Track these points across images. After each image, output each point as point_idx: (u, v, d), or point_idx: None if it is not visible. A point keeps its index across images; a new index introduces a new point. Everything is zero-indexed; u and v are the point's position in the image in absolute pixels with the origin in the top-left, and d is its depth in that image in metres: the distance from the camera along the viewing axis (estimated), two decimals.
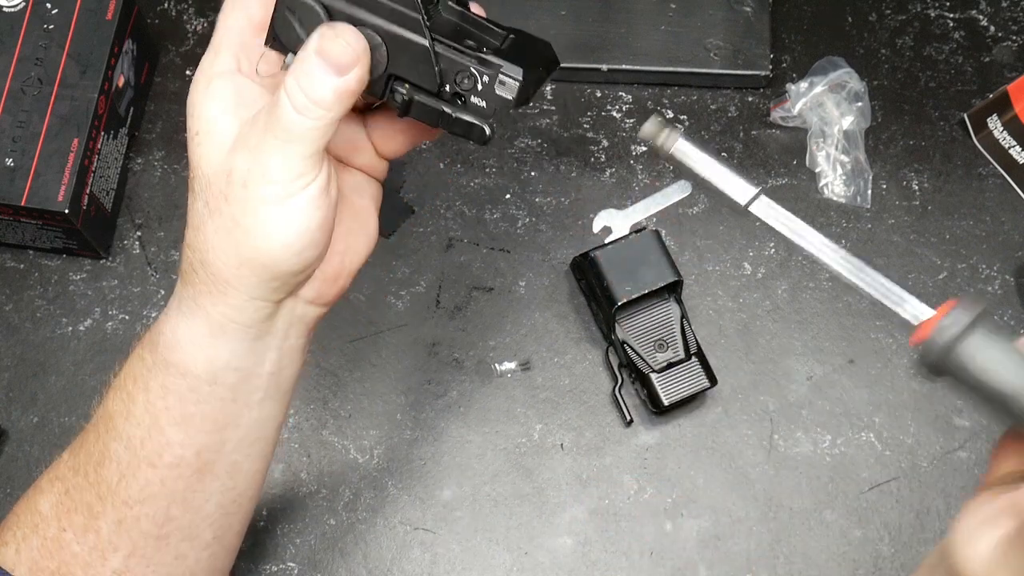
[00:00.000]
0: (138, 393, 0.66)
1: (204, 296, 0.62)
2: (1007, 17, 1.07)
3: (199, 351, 0.64)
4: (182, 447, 0.66)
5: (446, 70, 0.60)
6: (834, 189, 1.02)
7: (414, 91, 0.61)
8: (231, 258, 0.61)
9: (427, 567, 0.92)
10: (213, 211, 0.60)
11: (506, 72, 0.60)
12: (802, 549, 0.93)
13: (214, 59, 0.62)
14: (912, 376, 0.97)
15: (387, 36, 0.59)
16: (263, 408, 0.67)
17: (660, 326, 0.93)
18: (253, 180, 0.59)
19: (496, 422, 0.95)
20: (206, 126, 0.61)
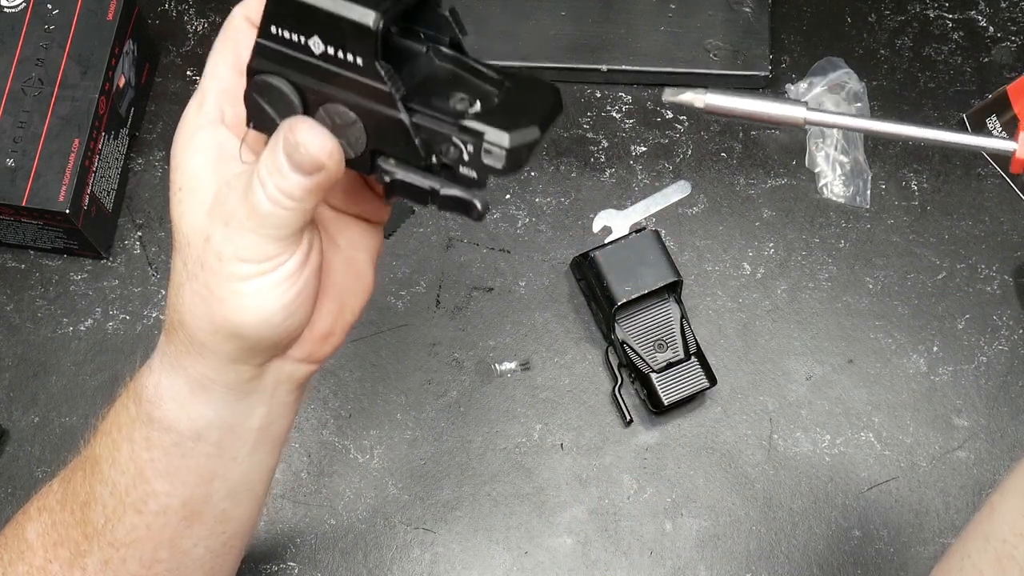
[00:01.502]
0: (123, 442, 0.63)
1: (184, 356, 0.60)
2: (1006, 18, 1.07)
3: (181, 409, 0.62)
4: (168, 496, 0.64)
5: (428, 141, 0.55)
6: (833, 189, 1.02)
7: (399, 167, 0.56)
8: (206, 324, 0.58)
9: (427, 567, 0.92)
10: (191, 274, 0.58)
11: (490, 140, 0.53)
12: (802, 549, 0.93)
13: (199, 108, 0.59)
14: (911, 375, 0.97)
15: (363, 112, 0.55)
16: (253, 458, 0.65)
17: (660, 326, 0.93)
18: (226, 255, 0.57)
19: (496, 422, 0.96)
20: (188, 182, 0.59)
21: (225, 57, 0.59)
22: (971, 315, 0.99)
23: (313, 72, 0.54)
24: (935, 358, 0.98)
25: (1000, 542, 0.67)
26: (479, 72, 0.56)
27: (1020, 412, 0.96)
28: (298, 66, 0.54)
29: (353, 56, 0.53)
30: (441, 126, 0.54)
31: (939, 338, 0.98)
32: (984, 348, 0.98)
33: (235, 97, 0.58)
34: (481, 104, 0.55)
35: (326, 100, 0.55)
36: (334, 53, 0.53)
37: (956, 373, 0.97)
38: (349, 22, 0.52)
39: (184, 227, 0.59)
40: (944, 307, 0.99)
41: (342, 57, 0.53)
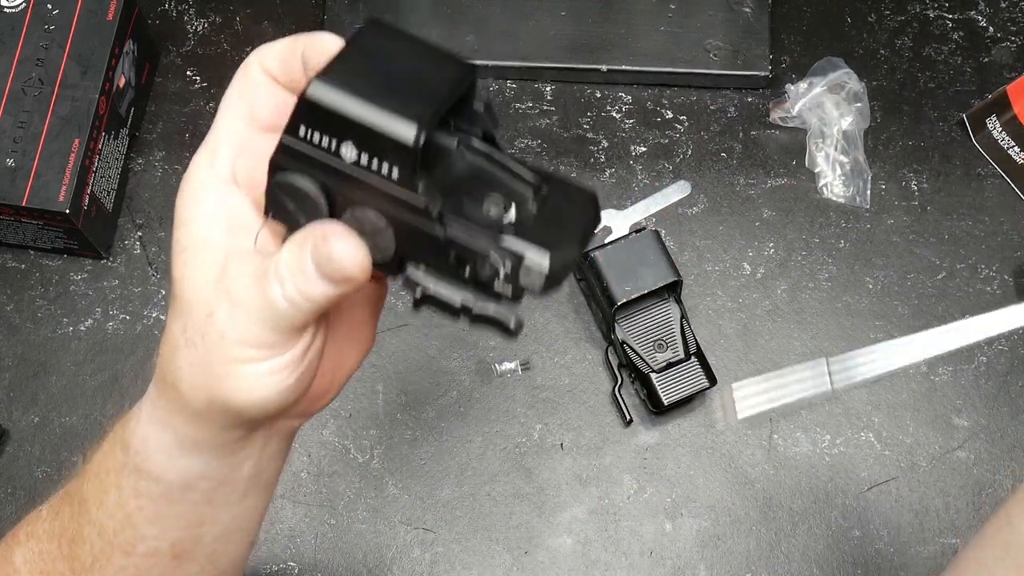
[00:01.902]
0: (110, 487, 0.61)
1: (175, 416, 0.58)
2: (1006, 18, 1.07)
3: (170, 462, 0.59)
4: (157, 540, 0.62)
5: (461, 255, 0.51)
6: (833, 189, 1.02)
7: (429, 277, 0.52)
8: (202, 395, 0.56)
9: (427, 567, 0.92)
10: (189, 342, 0.55)
11: (531, 262, 0.50)
12: (801, 549, 0.93)
13: (210, 161, 0.55)
14: (911, 375, 0.97)
15: (394, 220, 0.51)
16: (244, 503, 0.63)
17: (660, 326, 0.93)
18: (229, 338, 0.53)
19: (496, 422, 0.96)
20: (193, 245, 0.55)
21: (239, 110, 0.55)
22: (971, 315, 0.98)
23: (343, 177, 0.50)
24: (935, 358, 0.97)
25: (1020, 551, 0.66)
26: (513, 171, 0.52)
27: (1020, 412, 0.96)
28: (327, 169, 0.50)
29: (389, 167, 0.49)
30: (478, 242, 0.50)
31: None
32: (984, 348, 0.98)
33: (249, 154, 0.54)
34: (516, 209, 0.52)
35: (354, 203, 0.51)
36: (368, 162, 0.49)
37: (956, 373, 0.97)
38: (386, 135, 0.48)
39: (186, 292, 0.55)
40: (944, 307, 0.99)
41: (376, 167, 0.49)
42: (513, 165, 0.52)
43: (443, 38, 1.03)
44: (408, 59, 0.50)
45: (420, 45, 0.50)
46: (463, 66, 0.50)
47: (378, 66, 0.49)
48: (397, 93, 0.48)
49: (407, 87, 0.49)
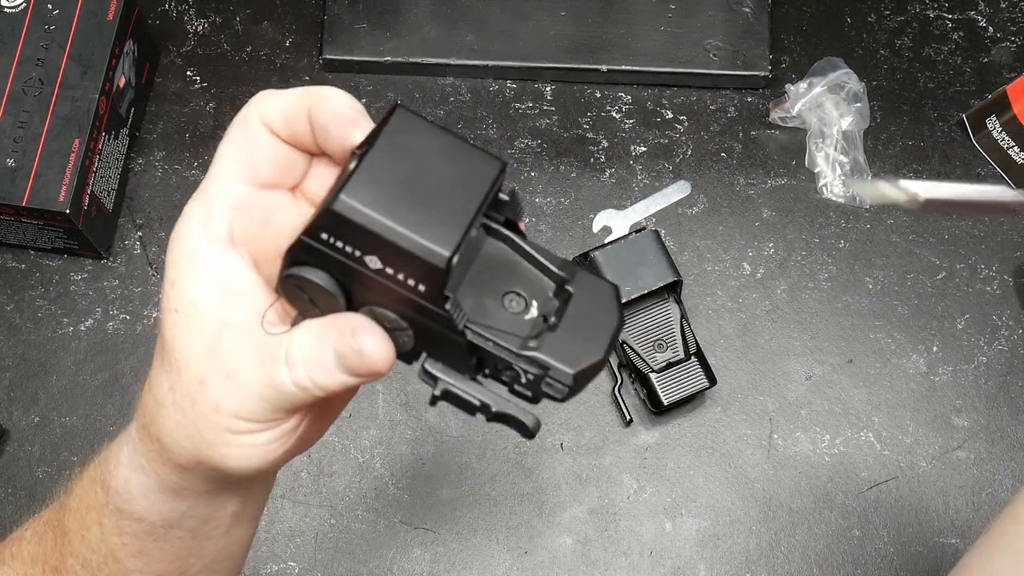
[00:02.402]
0: (92, 524, 0.59)
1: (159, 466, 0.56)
2: (1006, 18, 1.07)
3: (152, 505, 0.57)
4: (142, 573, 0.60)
5: (484, 359, 0.50)
6: (833, 189, 1.02)
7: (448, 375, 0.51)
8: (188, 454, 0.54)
9: (427, 566, 0.92)
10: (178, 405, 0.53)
11: (555, 376, 0.49)
12: (801, 549, 0.93)
13: (204, 222, 0.51)
14: (911, 375, 0.97)
15: (414, 323, 0.49)
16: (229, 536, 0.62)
17: (660, 326, 0.93)
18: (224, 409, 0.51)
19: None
20: (186, 309, 0.51)
21: (236, 165, 0.52)
22: (971, 315, 0.99)
23: (364, 281, 0.49)
24: (935, 358, 0.98)
25: None
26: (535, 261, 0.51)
27: (1020, 412, 0.96)
28: (347, 270, 0.48)
29: (415, 282, 0.48)
30: (501, 352, 0.49)
31: (939, 338, 0.98)
32: (984, 348, 0.98)
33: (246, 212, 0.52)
34: (538, 306, 0.51)
35: (373, 303, 0.50)
36: (393, 273, 0.48)
37: (956, 373, 0.97)
38: (416, 257, 0.46)
39: (177, 354, 0.52)
40: (944, 307, 0.99)
41: (402, 278, 0.48)
42: (536, 255, 0.51)
43: (443, 38, 1.03)
44: (438, 161, 0.48)
45: (450, 142, 0.48)
46: (494, 164, 0.49)
47: (406, 172, 0.47)
48: (428, 208, 0.47)
49: (438, 199, 0.47)
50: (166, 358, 0.53)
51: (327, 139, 0.50)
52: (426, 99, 1.04)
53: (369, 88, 1.04)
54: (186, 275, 0.51)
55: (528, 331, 0.50)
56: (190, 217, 0.52)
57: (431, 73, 1.04)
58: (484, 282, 0.50)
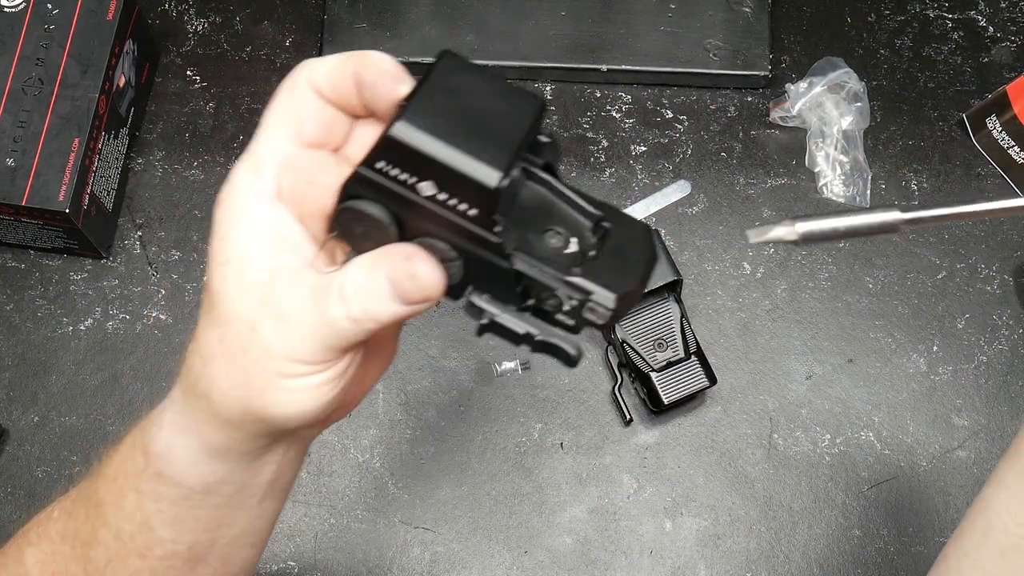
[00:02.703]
0: (129, 490, 0.61)
1: (204, 424, 0.58)
2: (1006, 18, 1.07)
3: (193, 467, 0.59)
4: (174, 543, 0.62)
5: (529, 287, 0.53)
6: (833, 189, 1.02)
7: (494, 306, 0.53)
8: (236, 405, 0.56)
9: (427, 566, 0.92)
10: (227, 354, 0.55)
11: (597, 300, 0.52)
12: (801, 548, 0.93)
13: (254, 178, 0.54)
14: (911, 374, 0.97)
15: (463, 251, 0.52)
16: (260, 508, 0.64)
17: (660, 325, 0.93)
18: (277, 352, 0.53)
19: (496, 421, 0.96)
20: (237, 263, 0.54)
21: (284, 126, 0.54)
22: (971, 315, 0.99)
23: (416, 209, 0.51)
24: (935, 357, 0.98)
25: (1001, 534, 0.66)
26: (573, 202, 0.54)
27: (1020, 411, 0.96)
28: (401, 200, 0.51)
29: (467, 205, 0.50)
30: (546, 277, 0.52)
31: (939, 338, 0.98)
32: (984, 347, 0.98)
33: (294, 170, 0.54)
34: (578, 242, 0.53)
35: (424, 233, 0.52)
36: (445, 199, 0.50)
37: (956, 372, 0.97)
38: (470, 178, 0.49)
39: (225, 304, 0.54)
40: (944, 307, 0.99)
41: (453, 203, 0.50)
42: (574, 197, 0.53)
43: (443, 38, 1.03)
44: (484, 97, 0.51)
45: (494, 80, 0.52)
46: (536, 101, 0.52)
47: (457, 105, 0.50)
48: (478, 135, 0.50)
49: (487, 128, 0.50)
50: (214, 312, 0.54)
51: (374, 95, 0.53)
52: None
53: None
54: (235, 230, 0.53)
55: (569, 263, 0.52)
56: (238, 176, 0.54)
57: None
58: (526, 220, 0.53)
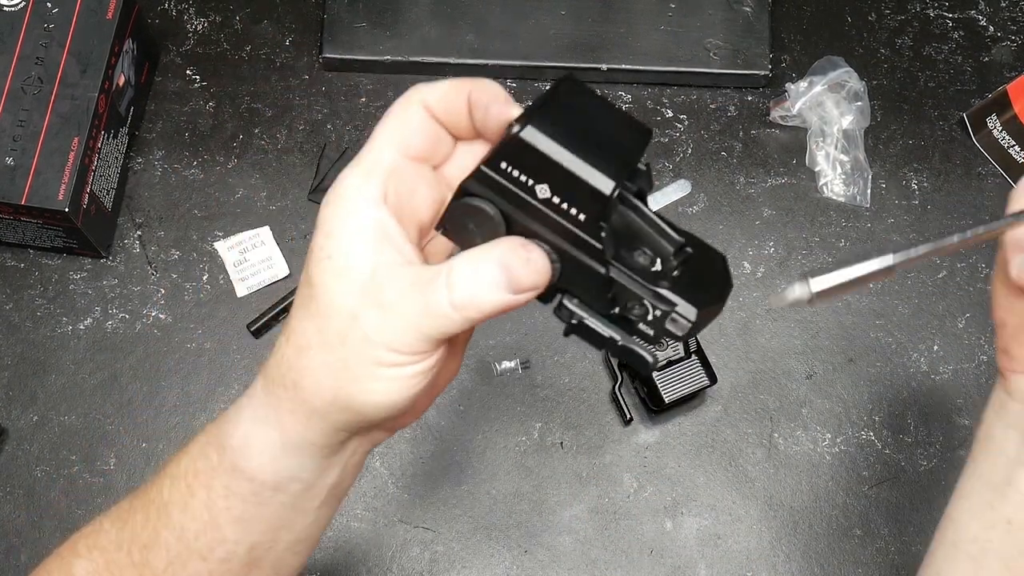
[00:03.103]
0: (199, 489, 0.64)
1: (287, 415, 0.61)
2: (1006, 17, 1.07)
3: (269, 461, 0.63)
4: (236, 544, 0.65)
5: (618, 295, 0.57)
6: (833, 188, 1.02)
7: (583, 310, 0.58)
8: (327, 394, 0.59)
9: (427, 565, 0.92)
10: (326, 344, 0.58)
11: (680, 312, 0.57)
12: (802, 548, 0.93)
13: (363, 183, 0.58)
14: (911, 374, 0.97)
15: (563, 253, 0.57)
16: (319, 512, 0.67)
17: None
18: (376, 340, 0.57)
19: (496, 421, 0.95)
20: (342, 259, 0.57)
21: (394, 139, 0.58)
22: (971, 314, 0.99)
23: (528, 210, 0.56)
24: (935, 357, 0.98)
25: (970, 542, 0.67)
26: (659, 227, 0.58)
27: None
28: (515, 200, 0.55)
29: (577, 211, 0.55)
30: (636, 287, 0.57)
31: (939, 337, 0.98)
32: (984, 347, 0.98)
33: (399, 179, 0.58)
34: (661, 264, 0.58)
35: (531, 236, 0.56)
36: (559, 202, 0.55)
37: (956, 372, 0.97)
38: (587, 184, 0.54)
39: (329, 297, 0.58)
40: (944, 306, 0.99)
41: (565, 207, 0.55)
42: (660, 223, 0.58)
43: (443, 38, 1.03)
44: (601, 119, 0.57)
45: (610, 107, 0.57)
46: (645, 132, 0.57)
47: (577, 121, 0.55)
48: (596, 149, 0.55)
49: (602, 145, 0.55)
50: (313, 305, 0.58)
51: (486, 115, 0.57)
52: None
53: (369, 87, 1.04)
54: (341, 228, 0.57)
55: (656, 279, 0.57)
56: (348, 181, 0.58)
57: (431, 72, 1.04)
58: (618, 238, 0.57)
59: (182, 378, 0.96)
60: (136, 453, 0.94)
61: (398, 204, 0.58)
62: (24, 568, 0.91)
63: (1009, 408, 0.66)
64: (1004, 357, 0.67)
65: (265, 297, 0.98)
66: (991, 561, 0.67)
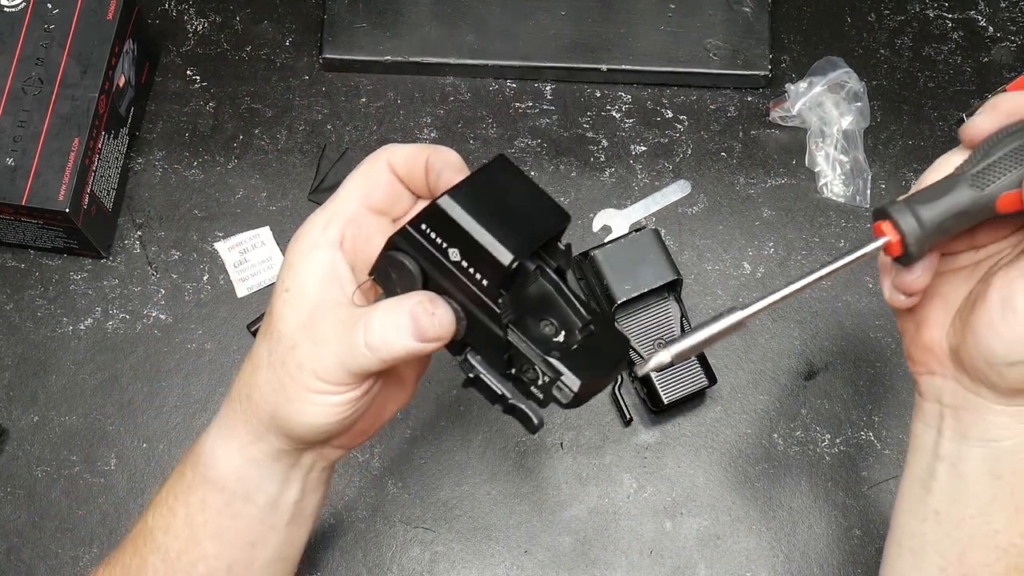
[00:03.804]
0: (179, 507, 0.70)
1: (242, 425, 0.68)
2: (1005, 17, 1.07)
3: (234, 469, 0.69)
4: (216, 559, 0.70)
5: (514, 357, 0.64)
6: (833, 189, 1.02)
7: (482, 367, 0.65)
8: (269, 408, 0.66)
9: (427, 566, 0.92)
10: (272, 364, 0.66)
11: (564, 381, 0.63)
12: (801, 548, 0.93)
13: (325, 227, 0.66)
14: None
15: (469, 314, 0.64)
16: (289, 531, 0.73)
17: (660, 325, 0.93)
18: (307, 368, 0.64)
19: (496, 421, 0.95)
20: (296, 289, 0.65)
21: (358, 191, 0.67)
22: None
23: (442, 269, 0.63)
24: None
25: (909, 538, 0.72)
26: (571, 304, 0.65)
27: None
28: (431, 259, 0.63)
29: (481, 276, 0.62)
30: (530, 352, 0.63)
31: None
32: None
33: (357, 227, 0.66)
34: (565, 335, 0.65)
35: (441, 292, 0.64)
36: (466, 266, 0.62)
37: None
38: (489, 253, 0.61)
39: (280, 326, 0.66)
40: None
41: (472, 272, 0.62)
42: (573, 300, 0.65)
43: (443, 38, 1.03)
44: (521, 198, 0.63)
45: (534, 189, 0.64)
46: (562, 216, 0.64)
47: (496, 198, 0.62)
48: (506, 225, 0.62)
49: (515, 222, 0.62)
50: (270, 328, 0.66)
51: (438, 179, 0.65)
52: (426, 98, 1.04)
53: (369, 88, 1.04)
54: (300, 263, 0.66)
55: (553, 348, 0.64)
56: (314, 222, 0.66)
57: (431, 72, 1.04)
58: (529, 307, 0.64)
59: (182, 378, 0.96)
60: (137, 453, 0.94)
61: (354, 250, 0.66)
62: (26, 568, 0.92)
63: (923, 407, 0.71)
64: (910, 362, 0.71)
65: (265, 298, 0.98)
66: (928, 552, 0.71)
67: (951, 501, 0.69)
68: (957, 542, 0.69)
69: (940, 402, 0.69)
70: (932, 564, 0.70)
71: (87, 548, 0.92)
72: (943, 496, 0.69)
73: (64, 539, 0.92)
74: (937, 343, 0.68)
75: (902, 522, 0.73)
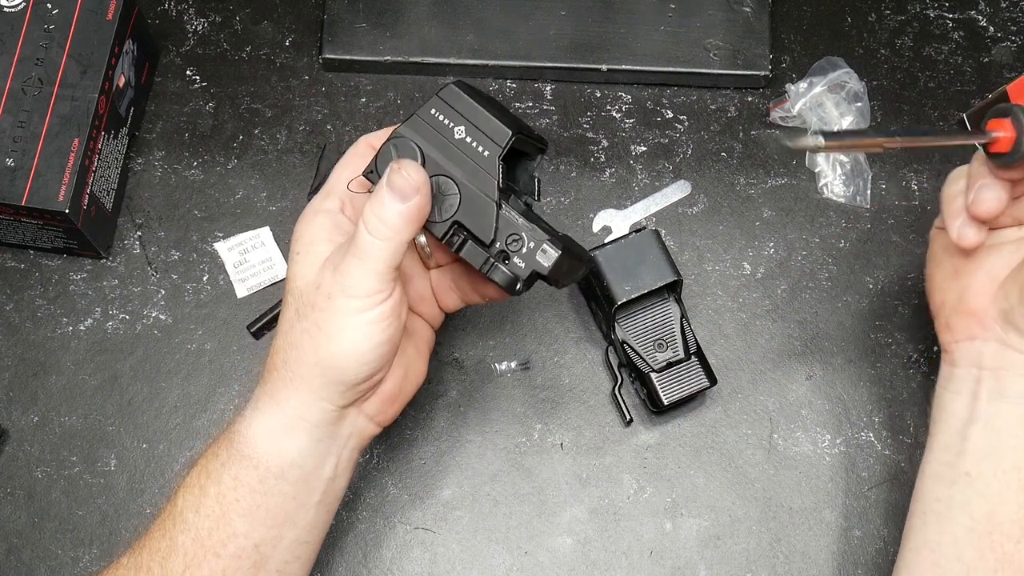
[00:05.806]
0: (210, 486, 0.73)
1: (281, 391, 0.72)
2: (1006, 17, 1.07)
3: (271, 444, 0.73)
4: (246, 538, 0.72)
5: (501, 228, 0.73)
6: (833, 189, 1.02)
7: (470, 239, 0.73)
8: (309, 356, 0.71)
9: (427, 566, 0.92)
10: (302, 316, 0.71)
11: (549, 244, 0.73)
12: (802, 549, 0.93)
13: (324, 200, 0.76)
14: (911, 375, 0.97)
15: (463, 188, 0.73)
16: (317, 512, 0.76)
17: (660, 326, 0.93)
18: (336, 293, 0.70)
19: (496, 422, 0.96)
20: (304, 248, 0.73)
21: (347, 170, 0.77)
22: None
23: (444, 148, 0.74)
24: (936, 357, 0.97)
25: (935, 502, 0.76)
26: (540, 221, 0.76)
27: None
28: (434, 140, 0.74)
29: (483, 148, 0.73)
30: (517, 218, 0.74)
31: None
32: None
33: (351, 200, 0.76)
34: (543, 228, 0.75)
35: (439, 173, 0.73)
36: (469, 141, 0.73)
37: None
38: (495, 123, 0.74)
39: (298, 281, 0.73)
40: None
41: (474, 146, 0.73)
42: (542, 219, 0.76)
43: (443, 38, 1.03)
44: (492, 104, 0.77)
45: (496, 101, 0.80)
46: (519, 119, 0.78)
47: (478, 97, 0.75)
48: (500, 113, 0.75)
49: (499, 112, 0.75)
50: (290, 293, 0.73)
51: None
52: (426, 98, 1.04)
53: (369, 88, 1.04)
54: (305, 228, 0.75)
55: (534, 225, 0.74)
56: (313, 202, 0.76)
57: (431, 72, 1.04)
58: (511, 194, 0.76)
59: (182, 379, 0.96)
60: (137, 454, 0.94)
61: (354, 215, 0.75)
62: (26, 568, 0.92)
63: (955, 376, 0.78)
64: (947, 333, 0.79)
65: (265, 298, 0.98)
66: (956, 514, 0.75)
67: (984, 458, 0.75)
68: (986, 500, 0.74)
69: (979, 366, 0.76)
70: (959, 525, 0.75)
71: (87, 549, 0.92)
72: (975, 456, 0.75)
73: (64, 540, 0.92)
74: (983, 309, 0.76)
75: (928, 488, 0.77)
